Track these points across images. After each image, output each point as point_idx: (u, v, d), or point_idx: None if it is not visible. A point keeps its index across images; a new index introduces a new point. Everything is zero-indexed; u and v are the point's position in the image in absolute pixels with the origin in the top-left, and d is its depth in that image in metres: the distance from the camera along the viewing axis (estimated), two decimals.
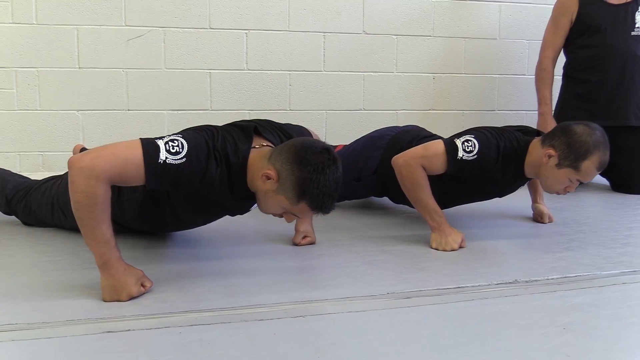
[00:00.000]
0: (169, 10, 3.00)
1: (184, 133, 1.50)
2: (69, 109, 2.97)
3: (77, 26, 2.91)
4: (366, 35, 3.29)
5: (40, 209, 1.98)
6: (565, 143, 1.90)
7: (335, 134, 3.20)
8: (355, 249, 1.89)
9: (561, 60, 3.10)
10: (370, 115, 3.34)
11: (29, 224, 2.07)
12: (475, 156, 1.90)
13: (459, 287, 1.55)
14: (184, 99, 3.08)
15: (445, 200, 2.07)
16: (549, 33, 3.04)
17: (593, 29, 2.92)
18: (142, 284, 1.43)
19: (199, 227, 1.90)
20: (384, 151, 2.29)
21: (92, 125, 3.00)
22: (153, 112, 3.06)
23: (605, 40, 2.90)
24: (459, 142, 1.92)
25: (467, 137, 1.93)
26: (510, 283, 1.59)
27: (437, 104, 3.47)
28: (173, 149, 1.42)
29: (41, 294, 1.43)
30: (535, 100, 3.07)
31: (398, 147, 2.14)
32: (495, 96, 3.57)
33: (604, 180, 3.11)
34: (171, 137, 1.46)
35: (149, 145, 1.42)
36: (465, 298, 1.48)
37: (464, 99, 3.51)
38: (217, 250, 1.84)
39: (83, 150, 2.00)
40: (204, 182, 1.49)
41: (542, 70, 3.02)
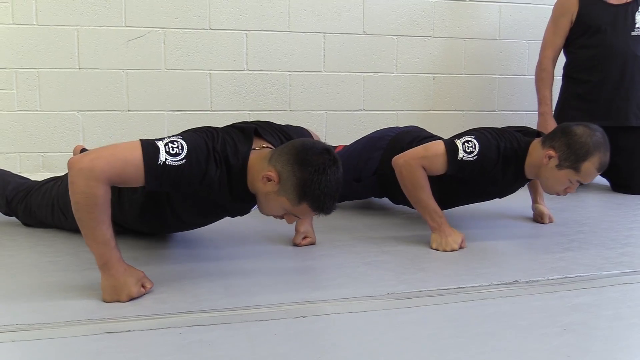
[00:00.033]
0: (169, 11, 3.00)
1: (184, 134, 1.51)
2: (69, 109, 2.97)
3: (78, 27, 2.91)
4: (366, 35, 3.29)
5: (40, 210, 1.98)
6: (565, 144, 1.90)
7: (335, 135, 3.20)
8: (355, 250, 1.89)
9: (561, 60, 3.10)
10: (370, 115, 3.34)
11: (29, 225, 2.07)
12: (476, 157, 1.90)
13: (459, 288, 1.55)
14: (184, 100, 3.08)
15: (445, 200, 2.07)
16: (549, 33, 3.04)
17: (593, 29, 2.92)
18: (143, 285, 1.43)
19: (199, 228, 1.90)
20: (384, 152, 2.29)
21: (92, 126, 3.00)
22: (153, 113, 3.06)
23: (605, 40, 2.90)
24: (459, 143, 1.92)
25: (468, 138, 1.93)
26: (510, 283, 1.59)
27: (437, 105, 3.47)
28: (173, 150, 1.43)
29: (41, 294, 1.43)
30: (535, 100, 3.07)
31: (398, 148, 2.14)
32: (496, 96, 3.57)
33: (604, 181, 3.10)
34: (171, 139, 1.46)
35: (149, 146, 1.42)
36: (466, 298, 1.48)
37: (464, 99, 3.51)
38: (217, 251, 1.84)
39: (83, 151, 1.99)
40: (203, 184, 1.49)
41: (542, 70, 3.02)
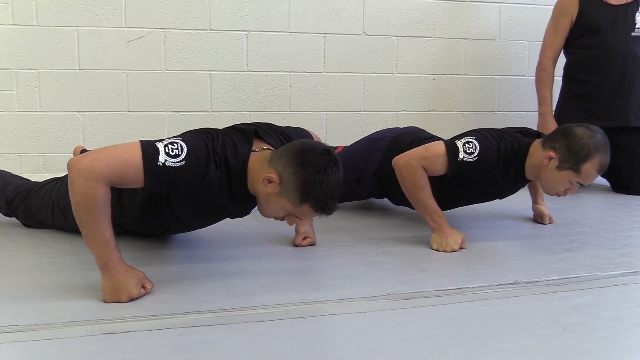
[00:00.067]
0: (169, 11, 3.00)
1: (184, 136, 1.51)
2: (69, 110, 2.97)
3: (78, 27, 2.91)
4: (366, 36, 3.29)
5: (40, 211, 1.98)
6: (565, 145, 1.90)
7: (335, 135, 3.20)
8: (355, 250, 1.89)
9: (561, 61, 3.10)
10: (371, 116, 3.34)
11: (30, 226, 2.07)
12: (476, 158, 1.90)
13: (460, 288, 1.55)
14: (184, 101, 3.08)
15: (445, 201, 2.07)
16: (549, 34, 3.04)
17: (593, 29, 2.92)
18: (143, 286, 1.43)
19: (199, 229, 1.90)
20: (385, 153, 2.29)
21: (93, 126, 3.00)
22: (153, 114, 3.06)
23: (606, 41, 2.90)
24: (459, 144, 1.92)
25: (468, 139, 1.93)
26: (510, 284, 1.59)
27: (438, 105, 3.47)
28: (172, 151, 1.43)
29: (42, 295, 1.43)
30: (535, 101, 3.07)
31: (398, 149, 2.14)
32: (496, 97, 3.57)
33: (605, 181, 3.10)
34: (171, 140, 1.46)
35: (149, 147, 1.42)
36: (466, 299, 1.48)
37: (464, 100, 3.51)
38: (218, 252, 1.84)
39: (83, 151, 1.99)
40: (203, 185, 1.49)
41: (543, 70, 3.02)
